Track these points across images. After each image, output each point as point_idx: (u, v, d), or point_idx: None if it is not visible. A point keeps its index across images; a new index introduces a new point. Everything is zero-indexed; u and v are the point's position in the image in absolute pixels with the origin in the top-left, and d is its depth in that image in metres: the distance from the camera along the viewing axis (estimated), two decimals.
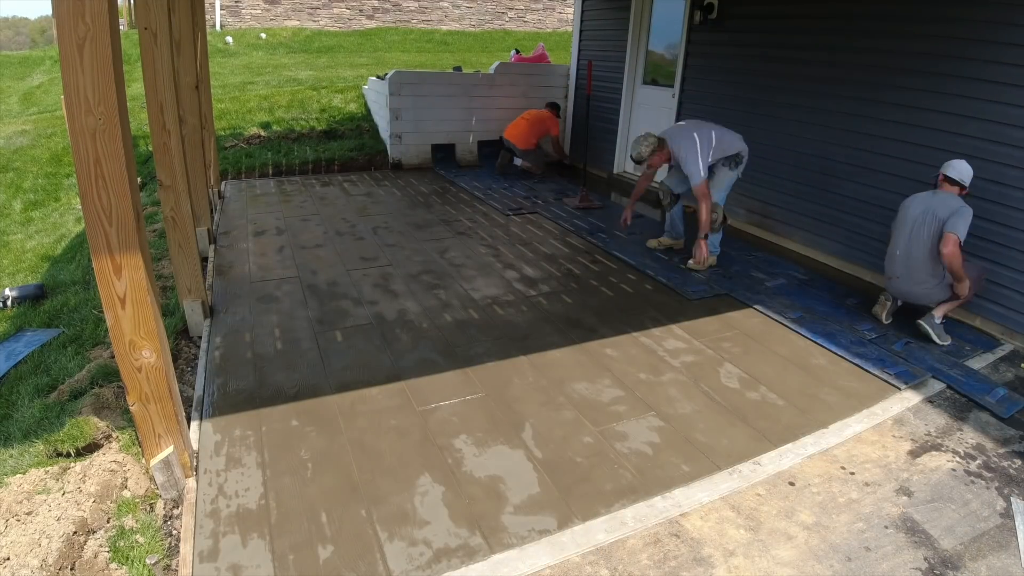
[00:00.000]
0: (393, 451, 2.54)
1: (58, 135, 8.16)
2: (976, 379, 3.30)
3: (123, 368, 2.08)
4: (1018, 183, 3.61)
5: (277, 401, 2.84)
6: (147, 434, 2.20)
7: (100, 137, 1.80)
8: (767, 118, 5.29)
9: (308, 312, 3.74)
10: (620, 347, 3.48)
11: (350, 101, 9.08)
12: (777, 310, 3.99)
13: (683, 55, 6.16)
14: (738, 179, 4.71)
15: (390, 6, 16.41)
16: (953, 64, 3.87)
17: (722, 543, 2.17)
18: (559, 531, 2.18)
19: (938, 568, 2.11)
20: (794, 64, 4.97)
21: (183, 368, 3.16)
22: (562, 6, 18.31)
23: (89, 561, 1.95)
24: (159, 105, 3.13)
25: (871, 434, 2.83)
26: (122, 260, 1.94)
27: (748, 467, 2.56)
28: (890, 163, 4.33)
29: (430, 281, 4.28)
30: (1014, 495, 2.48)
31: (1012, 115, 3.59)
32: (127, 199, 1.89)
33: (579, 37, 7.92)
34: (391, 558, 2.03)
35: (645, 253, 4.96)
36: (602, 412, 2.87)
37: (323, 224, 5.43)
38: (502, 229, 5.50)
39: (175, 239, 3.30)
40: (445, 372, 3.15)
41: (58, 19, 1.69)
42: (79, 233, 5.45)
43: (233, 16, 15.04)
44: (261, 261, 4.52)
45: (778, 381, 3.20)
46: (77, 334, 3.52)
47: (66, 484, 2.20)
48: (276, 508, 2.21)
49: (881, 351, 3.52)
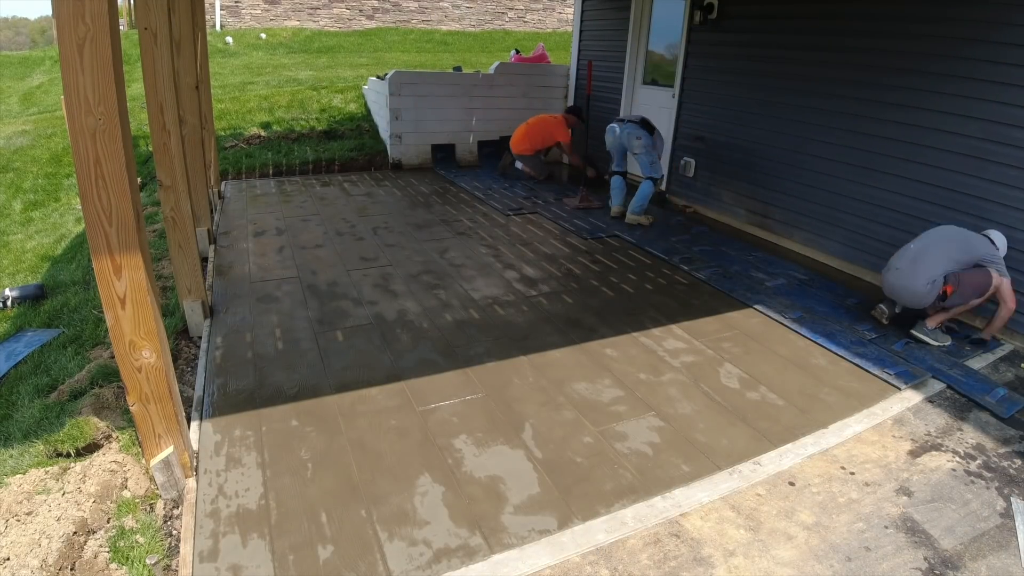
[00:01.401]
0: (393, 451, 2.54)
1: (58, 135, 8.16)
2: (976, 379, 3.30)
3: (123, 368, 2.08)
4: (1018, 183, 3.61)
5: (277, 401, 2.84)
6: (147, 434, 2.20)
7: (100, 137, 1.80)
8: (767, 118, 5.29)
9: (308, 312, 3.74)
10: (620, 347, 3.48)
11: (350, 101, 9.09)
12: (777, 310, 3.99)
13: (683, 55, 6.17)
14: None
15: (390, 6, 16.41)
16: (954, 64, 3.87)
17: (722, 543, 2.17)
18: (559, 531, 2.18)
19: (938, 568, 2.11)
20: (794, 64, 4.98)
21: (183, 368, 3.16)
22: (562, 6, 18.31)
23: (89, 561, 1.95)
24: (159, 105, 3.13)
25: (871, 434, 2.83)
26: (122, 260, 1.94)
27: (748, 467, 2.56)
28: (890, 163, 4.33)
29: (430, 281, 4.28)
30: (1014, 495, 2.48)
31: (1012, 115, 3.59)
32: (127, 199, 1.89)
33: (579, 37, 7.92)
34: (391, 558, 2.03)
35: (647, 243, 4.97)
36: (602, 412, 2.87)
37: (323, 224, 5.43)
38: (502, 229, 5.50)
39: (175, 239, 3.30)
40: (445, 372, 3.15)
41: (58, 19, 1.69)
42: (79, 233, 5.45)
43: (233, 16, 15.05)
44: (261, 261, 4.52)
45: (778, 381, 3.20)
46: (77, 334, 3.52)
47: (66, 484, 2.20)
48: (276, 508, 2.21)
49: (881, 351, 3.52)
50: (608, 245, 5.18)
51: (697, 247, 5.17)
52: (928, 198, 4.11)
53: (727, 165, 5.83)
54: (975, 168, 3.81)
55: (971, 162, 3.83)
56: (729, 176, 5.83)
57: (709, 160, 6.06)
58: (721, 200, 5.98)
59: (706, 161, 6.10)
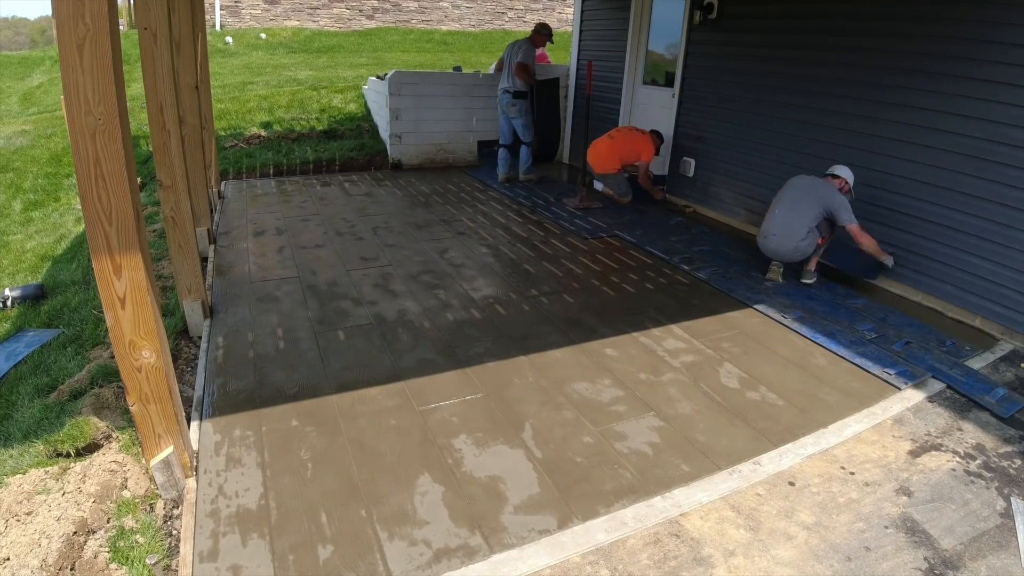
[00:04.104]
0: (393, 451, 2.54)
1: (58, 135, 8.16)
2: (976, 379, 3.30)
3: (123, 368, 2.08)
4: (1018, 183, 3.61)
5: (277, 401, 2.84)
6: (147, 434, 2.20)
7: (100, 137, 1.80)
8: (767, 118, 5.29)
9: (308, 312, 3.74)
10: (620, 347, 3.48)
11: (350, 101, 9.09)
12: (777, 310, 3.99)
13: (683, 55, 6.16)
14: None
15: (390, 6, 16.41)
16: (954, 64, 3.87)
17: (722, 543, 2.17)
18: (559, 531, 2.18)
19: (938, 568, 2.11)
20: (794, 64, 4.98)
21: (183, 368, 3.16)
22: (562, 6, 18.31)
23: (89, 561, 1.95)
24: (159, 105, 3.13)
25: (871, 434, 2.83)
26: (122, 260, 1.94)
27: (748, 467, 2.56)
28: (890, 163, 4.33)
29: (430, 281, 4.28)
30: (1014, 495, 2.48)
31: (1012, 115, 3.59)
32: (127, 199, 1.89)
33: (579, 37, 7.92)
34: (391, 558, 2.03)
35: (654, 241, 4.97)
36: (602, 412, 2.87)
37: (323, 224, 5.43)
38: (502, 229, 5.50)
39: (175, 239, 3.30)
40: (445, 372, 3.15)
41: (58, 19, 1.69)
42: (79, 233, 5.45)
43: (233, 16, 15.05)
44: (261, 261, 4.53)
45: (778, 381, 3.21)
46: (77, 334, 3.52)
47: (66, 484, 2.20)
48: (276, 508, 2.21)
49: (881, 351, 3.52)
50: (608, 245, 5.18)
51: (697, 247, 5.17)
52: (928, 198, 4.10)
53: (727, 165, 5.83)
54: (975, 168, 3.81)
55: (971, 162, 3.82)
56: (729, 176, 5.84)
57: (709, 160, 6.06)
58: (721, 200, 5.98)
59: (706, 161, 6.10)
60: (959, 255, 3.96)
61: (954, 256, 3.99)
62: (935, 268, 4.13)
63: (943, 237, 4.05)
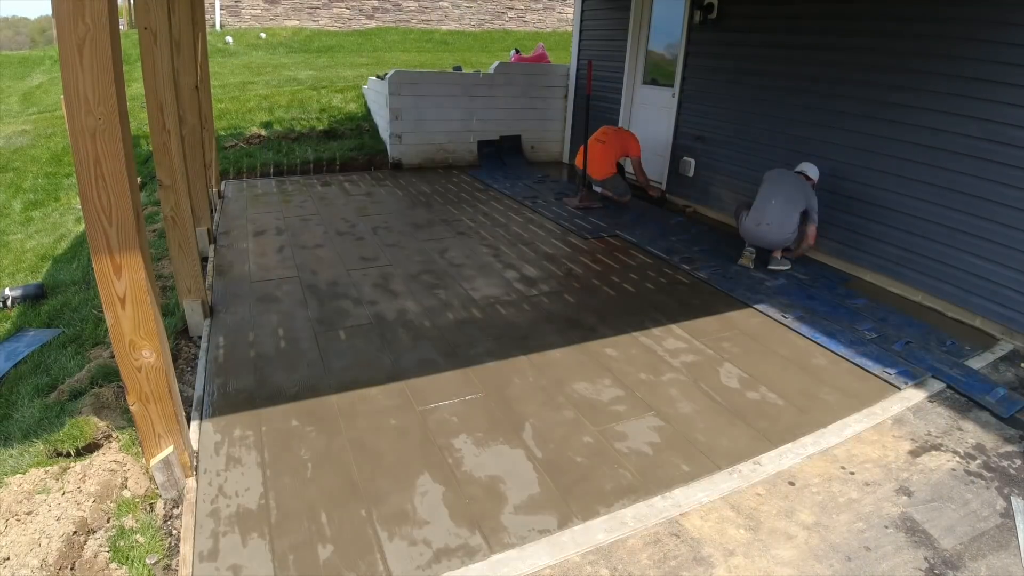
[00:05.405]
0: (393, 451, 2.54)
1: (58, 135, 8.16)
2: (976, 379, 3.30)
3: (123, 368, 2.08)
4: (1018, 183, 3.61)
5: (277, 401, 2.84)
6: (147, 434, 2.20)
7: (100, 137, 1.80)
8: (767, 117, 5.29)
9: (308, 312, 3.74)
10: (620, 347, 3.48)
11: (350, 101, 9.08)
12: (777, 310, 3.99)
13: (683, 55, 6.16)
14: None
15: (390, 6, 16.41)
16: (954, 64, 3.87)
17: (722, 543, 2.17)
18: (559, 531, 2.18)
19: (938, 568, 2.11)
20: (794, 64, 4.97)
21: (183, 368, 3.16)
22: (562, 6, 18.31)
23: (89, 561, 1.95)
24: (159, 105, 3.13)
25: (871, 434, 2.83)
26: (122, 260, 1.94)
27: (748, 467, 2.56)
28: (890, 162, 4.33)
29: (430, 281, 4.28)
30: (1014, 495, 2.48)
31: (1013, 115, 3.59)
32: (127, 199, 1.89)
33: (579, 37, 7.92)
34: (391, 558, 2.03)
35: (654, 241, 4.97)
36: (602, 412, 2.87)
37: (323, 224, 5.43)
38: (502, 229, 5.50)
39: (175, 239, 3.30)
40: (445, 372, 3.15)
41: (58, 19, 1.69)
42: (79, 233, 5.45)
43: (233, 16, 15.05)
44: (261, 261, 4.52)
45: (778, 381, 3.20)
46: (77, 334, 3.52)
47: (66, 484, 2.20)
48: (276, 508, 2.21)
49: (881, 351, 3.52)
50: (609, 245, 5.18)
51: (697, 247, 5.16)
52: (928, 198, 4.10)
53: (727, 165, 5.83)
54: (975, 168, 3.81)
55: (971, 162, 3.82)
56: (729, 176, 5.83)
57: (709, 160, 6.06)
58: (721, 200, 5.98)
59: (706, 161, 6.10)
60: (959, 255, 3.96)
61: (954, 256, 3.99)
62: (935, 268, 4.13)
63: (943, 237, 4.05)
